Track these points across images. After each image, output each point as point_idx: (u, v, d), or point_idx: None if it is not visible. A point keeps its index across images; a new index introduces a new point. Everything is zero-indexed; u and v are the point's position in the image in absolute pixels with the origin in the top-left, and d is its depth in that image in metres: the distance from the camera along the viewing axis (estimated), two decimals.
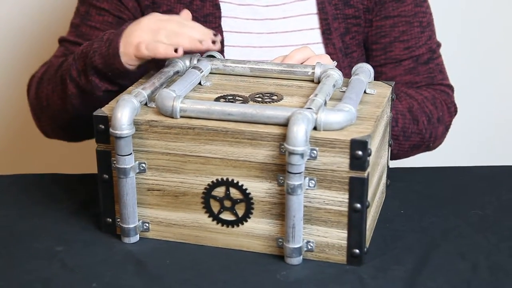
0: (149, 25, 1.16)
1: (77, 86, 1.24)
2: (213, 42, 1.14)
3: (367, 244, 1.08)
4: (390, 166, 1.23)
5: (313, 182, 1.03)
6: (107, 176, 1.10)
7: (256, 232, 1.08)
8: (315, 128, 1.02)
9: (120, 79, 1.20)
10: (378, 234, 1.13)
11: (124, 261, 1.07)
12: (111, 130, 1.05)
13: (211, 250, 1.09)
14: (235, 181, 1.06)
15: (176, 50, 1.12)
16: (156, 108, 1.08)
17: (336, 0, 1.38)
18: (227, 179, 1.06)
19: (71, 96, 1.26)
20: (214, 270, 1.05)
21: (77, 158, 2.00)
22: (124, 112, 1.05)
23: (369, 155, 1.01)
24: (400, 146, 1.33)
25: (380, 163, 1.14)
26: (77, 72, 1.23)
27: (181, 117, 1.06)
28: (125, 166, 1.07)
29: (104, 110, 1.08)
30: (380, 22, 1.39)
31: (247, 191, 1.06)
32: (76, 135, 1.39)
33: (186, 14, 1.22)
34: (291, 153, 0.99)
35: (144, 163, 1.09)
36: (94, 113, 1.08)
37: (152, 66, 1.22)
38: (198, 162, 1.07)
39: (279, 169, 1.04)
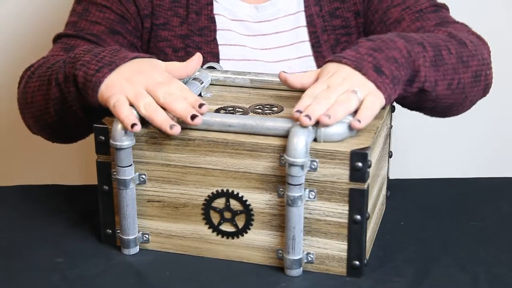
0: (144, 84, 1.06)
1: (60, 91, 1.16)
2: (193, 117, 1.02)
3: (367, 256, 1.08)
4: (391, 177, 1.23)
5: (313, 193, 1.03)
6: (107, 187, 1.10)
7: (256, 243, 1.08)
8: (315, 140, 1.02)
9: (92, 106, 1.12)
10: (378, 246, 1.12)
11: (124, 272, 1.07)
12: (111, 141, 1.05)
13: (211, 262, 1.09)
14: (235, 193, 1.06)
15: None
16: None
17: (324, 12, 1.37)
18: (227, 190, 1.06)
19: (54, 100, 1.18)
20: (214, 282, 1.05)
21: (77, 169, 2.00)
22: None
23: (369, 166, 1.01)
24: (465, 82, 1.19)
25: (380, 174, 1.14)
26: (64, 77, 1.14)
27: (181, 128, 1.06)
28: (125, 178, 1.07)
29: (105, 122, 1.08)
30: (373, 8, 1.35)
31: (247, 203, 1.06)
32: (59, 139, 1.30)
33: (198, 57, 1.14)
34: (291, 165, 0.99)
35: (144, 175, 1.09)
36: (95, 125, 1.08)
37: None
38: (198, 174, 1.07)
39: (279, 180, 1.04)
